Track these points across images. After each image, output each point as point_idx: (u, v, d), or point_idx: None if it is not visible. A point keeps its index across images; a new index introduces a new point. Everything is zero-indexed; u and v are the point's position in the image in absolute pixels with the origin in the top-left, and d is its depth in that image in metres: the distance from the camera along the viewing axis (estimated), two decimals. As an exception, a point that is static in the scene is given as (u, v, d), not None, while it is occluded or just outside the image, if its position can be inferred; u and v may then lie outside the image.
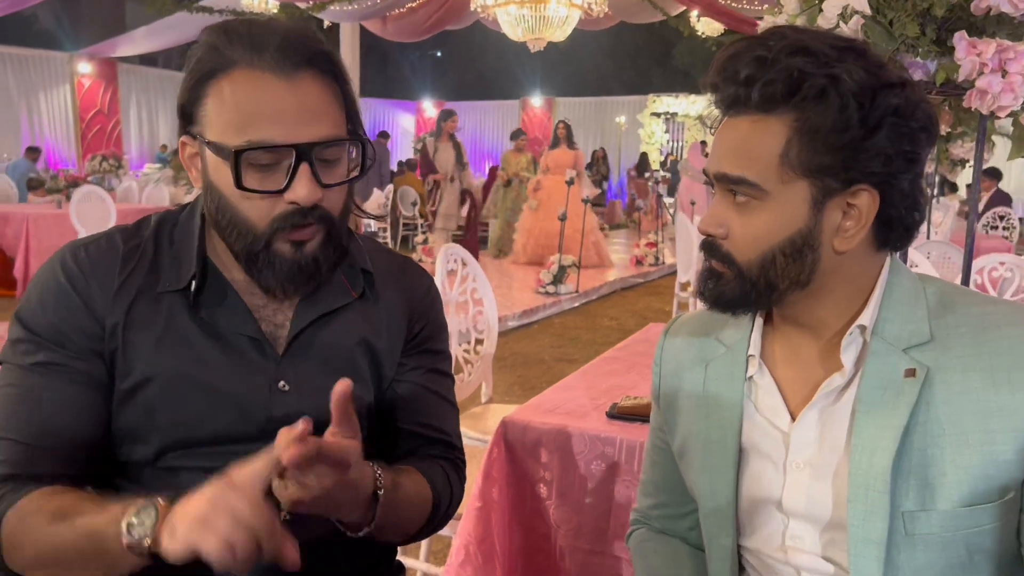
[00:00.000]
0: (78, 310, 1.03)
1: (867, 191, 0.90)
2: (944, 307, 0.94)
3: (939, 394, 0.89)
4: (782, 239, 0.92)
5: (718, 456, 1.03)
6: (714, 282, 0.98)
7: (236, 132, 0.96)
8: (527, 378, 5.19)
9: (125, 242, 1.08)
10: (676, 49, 22.31)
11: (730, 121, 0.94)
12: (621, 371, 2.21)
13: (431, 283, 1.25)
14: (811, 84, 0.87)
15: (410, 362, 1.19)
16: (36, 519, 0.93)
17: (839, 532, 0.95)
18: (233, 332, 1.06)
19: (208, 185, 1.02)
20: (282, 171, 0.97)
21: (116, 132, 16.52)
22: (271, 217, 0.99)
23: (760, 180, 0.90)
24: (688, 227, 5.63)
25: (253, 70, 0.96)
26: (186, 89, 1.00)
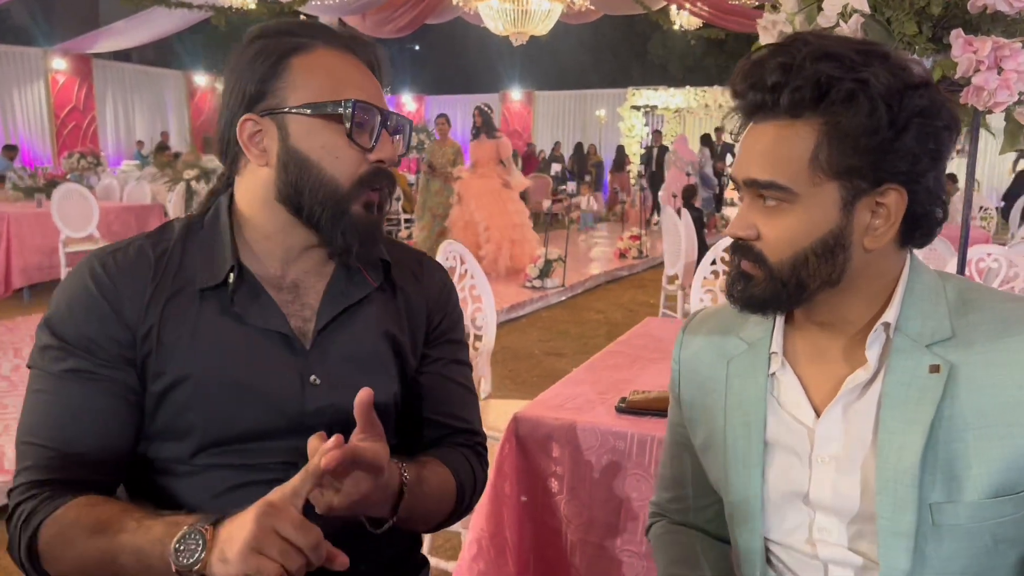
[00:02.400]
0: (108, 319, 1.04)
1: (895, 190, 0.93)
2: (964, 304, 0.97)
3: (963, 389, 0.92)
4: (814, 240, 0.94)
5: (743, 451, 1.05)
6: (744, 284, 1.00)
7: (333, 93, 1.05)
8: (517, 372, 5.21)
9: (154, 248, 1.10)
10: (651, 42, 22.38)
11: (756, 127, 0.96)
12: (624, 365, 2.24)
13: (446, 276, 1.29)
14: (839, 88, 0.89)
15: (432, 353, 1.22)
16: (75, 531, 0.94)
17: (866, 524, 0.97)
18: (264, 328, 1.08)
19: (290, 153, 1.06)
20: (367, 133, 1.07)
21: (92, 129, 16.31)
22: (357, 176, 1.06)
23: (790, 183, 0.93)
24: (675, 221, 5.67)
25: (334, 49, 1.07)
26: (259, 68, 1.05)
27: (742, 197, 1.00)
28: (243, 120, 1.05)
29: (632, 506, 1.73)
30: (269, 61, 1.05)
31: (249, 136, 1.06)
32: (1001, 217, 11.13)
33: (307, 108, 1.04)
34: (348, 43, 1.09)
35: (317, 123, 1.04)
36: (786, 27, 1.96)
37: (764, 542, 1.07)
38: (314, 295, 1.12)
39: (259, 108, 1.05)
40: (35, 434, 1.02)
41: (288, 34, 1.06)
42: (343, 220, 1.06)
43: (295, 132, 1.05)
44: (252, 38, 1.08)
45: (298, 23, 1.09)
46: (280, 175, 1.06)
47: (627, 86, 19.00)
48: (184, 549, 0.85)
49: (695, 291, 3.38)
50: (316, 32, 1.07)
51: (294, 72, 1.05)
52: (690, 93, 18.05)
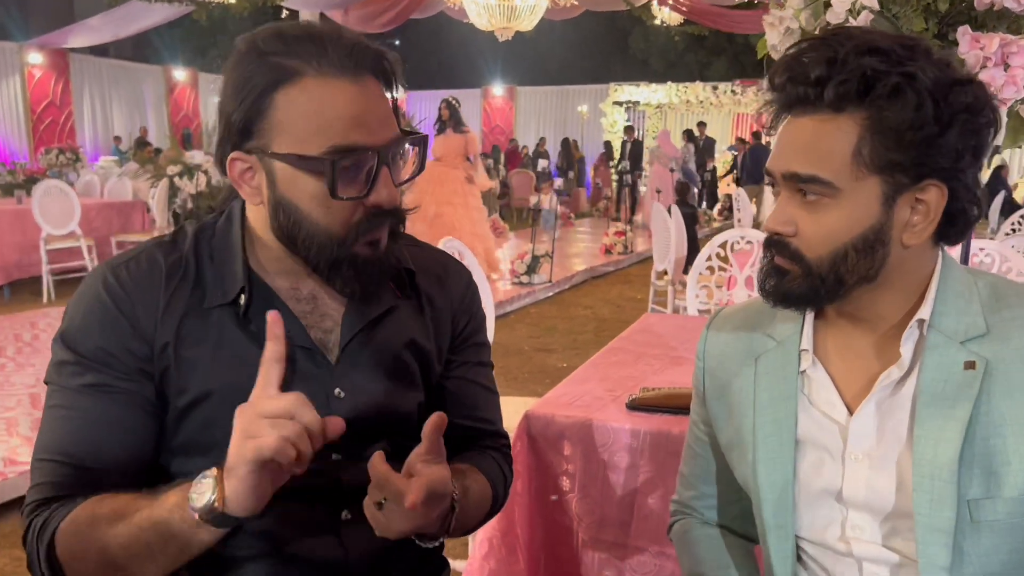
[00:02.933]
0: (124, 331, 1.01)
1: (936, 186, 0.92)
2: (997, 300, 0.97)
3: (999, 386, 0.92)
4: (854, 236, 0.93)
5: (774, 449, 1.05)
6: (778, 279, 0.99)
7: (318, 140, 0.95)
8: (508, 368, 5.20)
9: (166, 257, 1.06)
10: (632, 37, 22.42)
11: (797, 120, 0.95)
12: (629, 362, 2.24)
13: (471, 278, 1.26)
14: (885, 82, 0.89)
15: (458, 358, 1.20)
16: (94, 527, 0.92)
17: (901, 520, 0.97)
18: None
19: (279, 200, 0.99)
20: (362, 176, 0.98)
21: (69, 124, 16.12)
22: (352, 223, 0.99)
23: (833, 178, 0.92)
24: (664, 216, 5.68)
25: (323, 76, 0.95)
26: (241, 105, 0.96)
27: (778, 192, 0.99)
28: (232, 159, 1.00)
29: (644, 504, 1.73)
30: (254, 94, 0.96)
31: (240, 173, 1.00)
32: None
33: (290, 159, 0.96)
34: (341, 62, 0.96)
35: (301, 174, 0.97)
36: (792, 23, 1.96)
37: (795, 541, 1.06)
38: (335, 305, 1.09)
39: (247, 146, 0.98)
40: (52, 451, 0.99)
41: (276, 53, 0.96)
42: (343, 266, 1.01)
43: (282, 179, 0.98)
44: (241, 53, 0.98)
45: (289, 38, 0.98)
46: (272, 218, 1.01)
47: (609, 81, 19.05)
48: (198, 495, 0.86)
49: (691, 287, 3.38)
50: (306, 53, 0.95)
51: (279, 111, 0.95)
52: (672, 89, 18.12)
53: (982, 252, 3.16)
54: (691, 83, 18.16)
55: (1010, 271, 3.03)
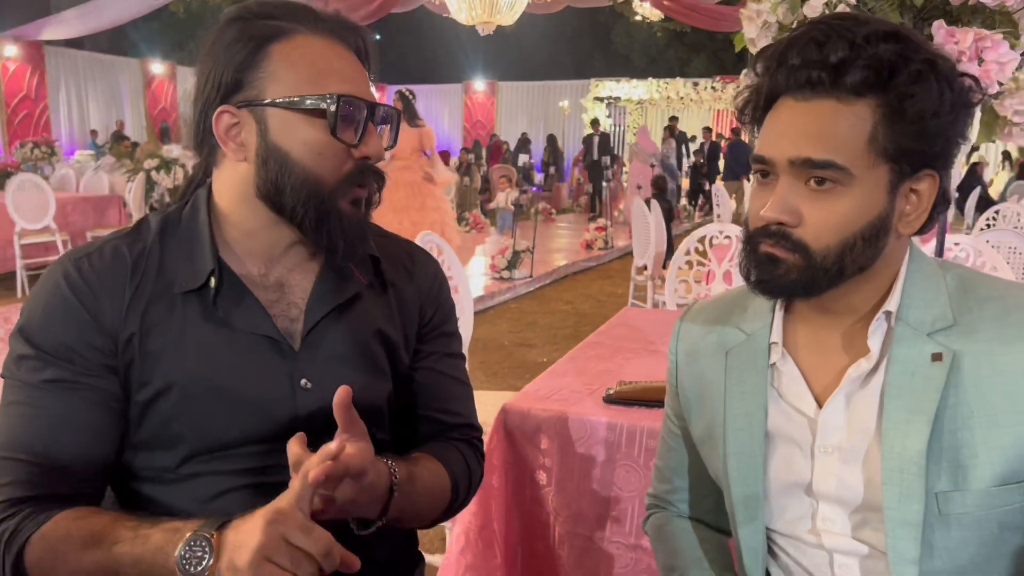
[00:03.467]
0: (87, 325, 0.99)
1: (931, 176, 0.92)
2: (964, 291, 0.97)
3: (967, 377, 0.92)
4: (864, 224, 0.91)
5: (745, 443, 1.04)
6: (772, 268, 0.95)
7: (315, 86, 0.98)
8: (488, 364, 5.19)
9: (130, 248, 1.04)
10: (613, 33, 22.45)
11: (804, 104, 0.92)
12: (607, 356, 2.23)
13: (438, 267, 1.25)
14: (910, 69, 0.87)
15: (425, 348, 1.19)
16: (66, 546, 0.90)
17: (870, 513, 0.97)
18: (250, 332, 1.03)
19: (270, 149, 0.99)
20: (352, 128, 1.00)
21: (44, 118, 15.90)
22: (342, 174, 1.01)
23: (848, 164, 0.90)
24: (644, 212, 5.69)
25: (317, 35, 1.00)
26: (235, 59, 0.98)
27: (768, 180, 0.96)
28: (219, 112, 0.99)
29: (621, 497, 1.73)
30: (247, 48, 0.97)
31: (226, 129, 1.00)
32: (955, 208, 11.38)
33: (288, 102, 0.97)
34: (333, 28, 1.01)
35: (298, 118, 0.98)
36: (770, 17, 1.97)
37: (767, 533, 1.06)
38: (300, 293, 1.07)
39: (236, 99, 0.98)
40: (13, 448, 0.97)
41: (268, 17, 0.99)
42: (329, 219, 1.00)
43: (275, 127, 0.98)
44: (229, 20, 1.00)
45: (280, 4, 1.01)
46: (260, 171, 1.00)
47: (590, 77, 19.07)
48: (190, 556, 0.82)
49: (670, 282, 3.39)
50: (299, 16, 1.00)
51: (274, 61, 0.97)
52: (652, 84, 18.16)
53: (956, 247, 3.19)
54: (672, 79, 18.21)
55: (984, 265, 3.06)
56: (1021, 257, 4.03)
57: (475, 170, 14.73)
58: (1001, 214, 6.61)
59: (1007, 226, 6.29)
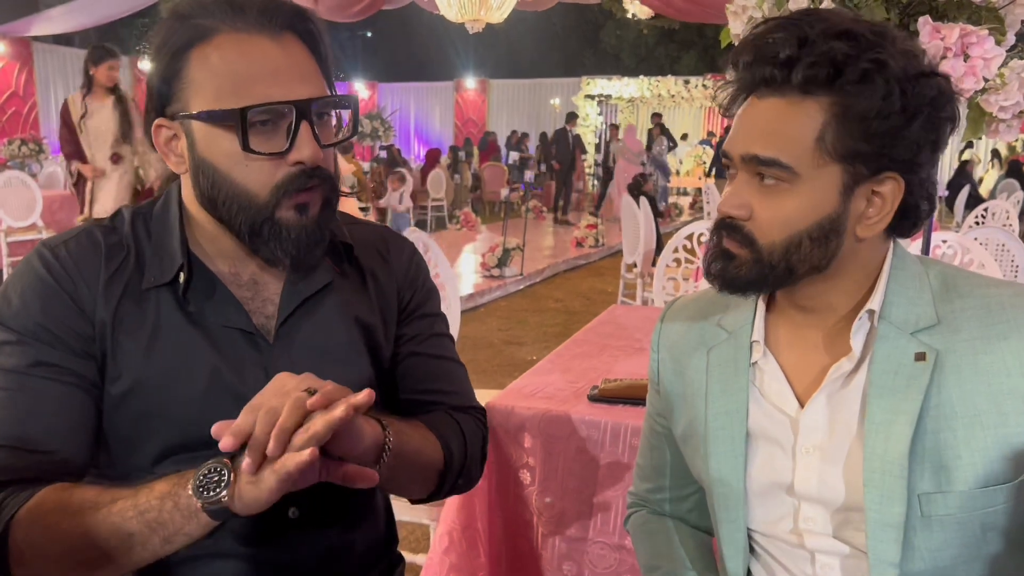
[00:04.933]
0: (68, 309, 0.98)
1: (894, 179, 0.91)
2: (948, 290, 0.96)
3: (950, 377, 0.91)
4: (810, 224, 0.91)
5: (726, 442, 1.03)
6: (725, 263, 0.96)
7: (232, 95, 0.93)
8: (478, 361, 5.18)
9: (105, 237, 1.03)
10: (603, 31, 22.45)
11: (760, 102, 0.92)
12: (593, 353, 2.22)
13: (413, 249, 1.23)
14: (855, 68, 0.86)
15: (408, 331, 1.17)
16: (60, 515, 0.88)
17: (852, 513, 0.96)
18: (224, 327, 1.02)
19: (198, 163, 0.97)
20: (282, 133, 0.95)
21: (33, 115, 15.77)
22: (273, 183, 0.96)
23: (793, 163, 0.89)
24: (633, 209, 5.68)
25: (239, 33, 0.94)
26: (159, 67, 0.96)
27: (731, 175, 0.97)
28: (156, 125, 0.98)
29: (605, 497, 1.72)
30: (169, 55, 0.95)
31: (165, 141, 0.99)
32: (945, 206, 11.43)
33: (205, 115, 0.94)
34: (258, 20, 0.94)
35: (218, 131, 0.94)
36: (755, 12, 1.95)
37: (747, 532, 1.05)
38: (275, 289, 1.06)
39: (169, 111, 0.97)
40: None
41: (193, 16, 0.95)
42: (264, 229, 0.97)
43: (200, 140, 0.96)
44: (162, 20, 0.98)
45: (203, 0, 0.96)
46: (195, 184, 0.99)
47: (581, 75, 19.04)
48: (207, 482, 0.83)
49: (658, 279, 3.38)
50: (223, 12, 0.94)
51: (193, 69, 0.94)
52: (643, 82, 18.15)
53: (944, 244, 3.19)
54: (662, 77, 18.21)
55: (971, 263, 3.06)
56: (1010, 254, 4.04)
57: (465, 167, 14.68)
58: (990, 211, 6.64)
59: (996, 223, 6.31)
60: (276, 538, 1.04)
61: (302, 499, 1.03)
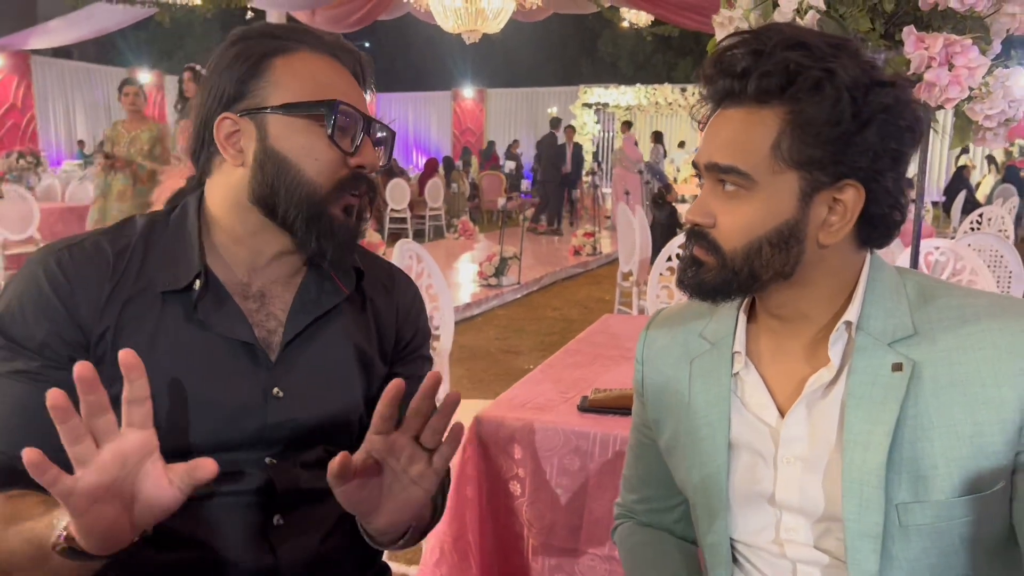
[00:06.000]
0: (61, 319, 0.98)
1: (853, 187, 0.92)
2: (925, 300, 0.96)
3: (927, 388, 0.91)
4: (769, 229, 0.93)
5: (708, 452, 1.04)
6: (695, 270, 0.98)
7: (315, 93, 1.02)
8: (475, 371, 5.18)
9: (112, 244, 1.04)
10: (601, 39, 22.53)
11: (723, 113, 0.96)
12: (585, 363, 2.23)
13: (417, 291, 1.27)
14: (806, 76, 0.88)
15: (401, 371, 1.18)
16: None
17: (833, 523, 0.96)
18: (227, 337, 1.03)
19: (268, 154, 1.02)
20: (349, 138, 1.04)
21: (31, 128, 15.82)
22: (336, 179, 1.03)
23: (750, 170, 0.92)
24: (629, 217, 5.69)
25: (318, 53, 1.05)
26: (233, 71, 1.02)
27: (702, 184, 0.99)
28: (221, 119, 1.02)
29: (594, 508, 1.72)
30: (250, 61, 1.02)
31: (226, 136, 1.03)
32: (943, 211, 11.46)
33: (288, 108, 1.01)
34: (332, 49, 1.06)
35: (298, 123, 1.02)
36: (742, 23, 1.96)
37: (730, 542, 1.06)
38: (281, 305, 1.08)
39: (238, 107, 1.02)
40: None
41: (271, 36, 1.04)
42: (319, 223, 1.03)
43: (274, 132, 1.02)
44: (233, 40, 1.05)
45: (282, 26, 1.07)
46: (256, 175, 1.03)
47: (578, 83, 19.10)
48: (56, 523, 0.82)
49: (651, 288, 3.39)
50: (300, 36, 1.05)
51: (276, 72, 1.02)
52: (640, 91, 18.21)
53: (937, 251, 3.20)
54: (659, 85, 18.26)
55: (964, 269, 3.07)
56: (1004, 260, 4.05)
57: (462, 177, 14.70)
58: (985, 217, 6.65)
59: (992, 229, 6.33)
60: (261, 545, 1.04)
61: (286, 507, 1.05)
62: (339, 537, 1.11)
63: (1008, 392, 0.89)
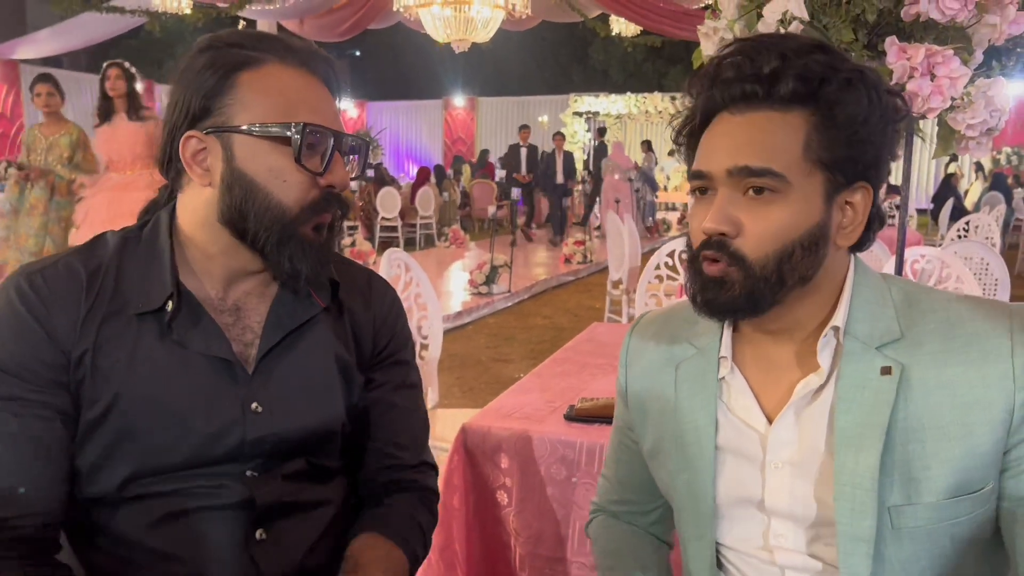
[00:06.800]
0: (39, 340, 0.98)
1: (865, 188, 0.94)
2: (910, 305, 0.97)
3: (916, 390, 0.92)
4: (801, 232, 0.92)
5: (695, 457, 1.04)
6: (716, 290, 0.95)
7: (282, 114, 0.99)
8: (465, 379, 5.18)
9: (84, 265, 1.03)
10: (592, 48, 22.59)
11: (740, 117, 0.93)
12: (573, 372, 2.23)
13: (395, 296, 1.25)
14: (837, 77, 0.90)
15: (379, 377, 1.18)
16: None
17: (823, 528, 0.97)
18: (205, 353, 1.02)
19: (235, 175, 1.00)
20: (318, 157, 1.01)
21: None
22: (306, 200, 1.01)
23: (785, 171, 0.91)
24: (618, 225, 5.70)
25: (287, 66, 1.02)
26: (204, 85, 0.99)
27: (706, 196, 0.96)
28: (186, 137, 1.00)
29: (581, 517, 1.72)
30: (216, 75, 0.99)
31: (192, 154, 1.01)
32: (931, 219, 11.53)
33: (254, 128, 0.99)
34: (303, 59, 1.03)
35: (264, 145, 0.99)
36: (727, 34, 1.98)
37: (716, 548, 1.06)
38: (256, 318, 1.07)
39: (204, 125, 1.00)
40: None
41: (239, 46, 1.01)
42: (290, 245, 1.01)
43: (241, 153, 0.99)
44: (201, 48, 1.02)
45: (251, 34, 1.04)
46: (224, 197, 1.01)
47: (569, 92, 19.17)
48: None
49: (640, 296, 3.40)
50: (269, 46, 1.01)
51: (242, 89, 0.99)
52: (631, 99, 18.28)
53: (923, 259, 3.22)
54: (650, 93, 18.34)
55: (949, 276, 3.09)
56: (990, 268, 4.07)
57: (453, 185, 14.71)
58: (973, 224, 6.69)
59: (979, 236, 6.37)
60: (244, 560, 1.04)
61: (268, 520, 1.04)
62: (323, 551, 1.10)
63: (995, 393, 0.90)
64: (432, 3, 8.46)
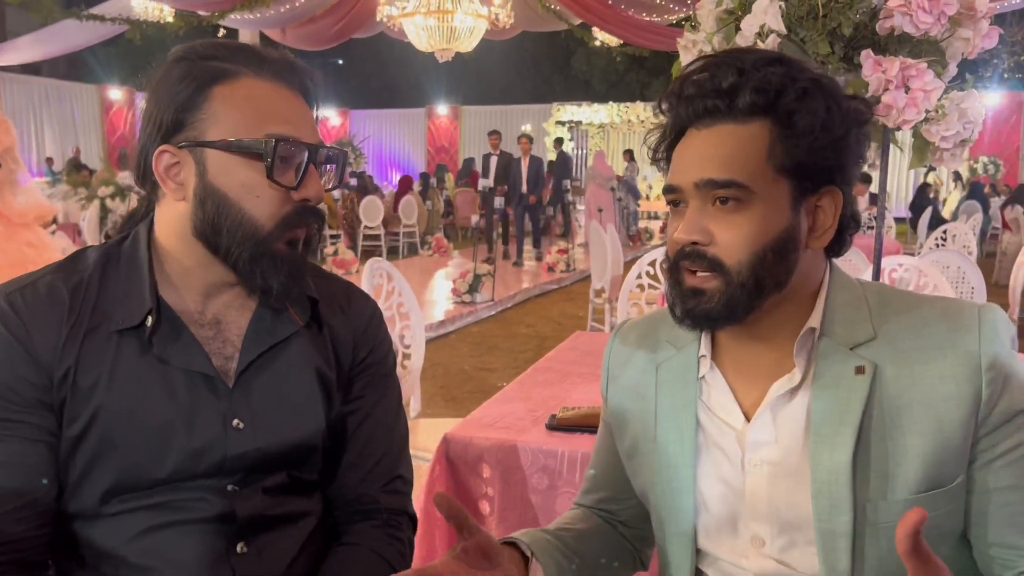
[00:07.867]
0: (20, 359, 0.97)
1: (833, 193, 0.96)
2: (884, 306, 1.00)
3: (890, 388, 0.95)
4: (771, 237, 0.94)
5: (675, 456, 1.05)
6: (697, 299, 0.97)
7: (255, 128, 0.98)
8: (448, 388, 5.18)
9: (65, 282, 1.02)
10: (574, 57, 22.72)
11: (704, 132, 0.96)
12: (555, 381, 2.24)
13: (375, 308, 1.24)
14: (795, 87, 0.92)
15: (358, 390, 1.17)
16: None
17: (800, 533, 0.98)
18: (185, 368, 1.02)
19: (207, 190, 0.99)
20: (291, 171, 1.01)
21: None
22: (279, 216, 1.01)
23: (748, 181, 0.93)
24: (601, 234, 5.73)
25: (260, 79, 1.01)
26: (177, 99, 0.99)
27: (679, 208, 0.99)
28: (159, 151, 0.99)
29: (564, 524, 1.72)
30: (190, 89, 0.98)
31: (166, 168, 1.00)
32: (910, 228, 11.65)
33: (226, 144, 0.98)
34: (278, 71, 1.02)
35: (236, 160, 0.98)
36: (705, 46, 2.01)
37: (695, 550, 1.07)
38: (236, 331, 1.07)
39: (177, 139, 0.99)
40: None
41: (213, 58, 1.00)
42: (263, 260, 1.01)
43: (213, 168, 0.99)
44: (175, 59, 1.01)
45: (225, 45, 1.03)
46: (197, 212, 1.00)
47: (552, 101, 19.25)
48: None
49: (622, 305, 3.41)
50: (243, 58, 1.01)
51: (215, 103, 0.98)
52: (613, 108, 18.39)
53: (901, 268, 3.26)
54: (632, 103, 18.45)
55: (927, 285, 3.13)
56: (966, 277, 4.12)
57: (436, 194, 14.71)
58: (950, 233, 6.77)
59: (956, 245, 6.44)
60: (225, 572, 1.03)
61: (249, 534, 1.04)
62: (304, 562, 1.10)
63: (965, 388, 0.92)
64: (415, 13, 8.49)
